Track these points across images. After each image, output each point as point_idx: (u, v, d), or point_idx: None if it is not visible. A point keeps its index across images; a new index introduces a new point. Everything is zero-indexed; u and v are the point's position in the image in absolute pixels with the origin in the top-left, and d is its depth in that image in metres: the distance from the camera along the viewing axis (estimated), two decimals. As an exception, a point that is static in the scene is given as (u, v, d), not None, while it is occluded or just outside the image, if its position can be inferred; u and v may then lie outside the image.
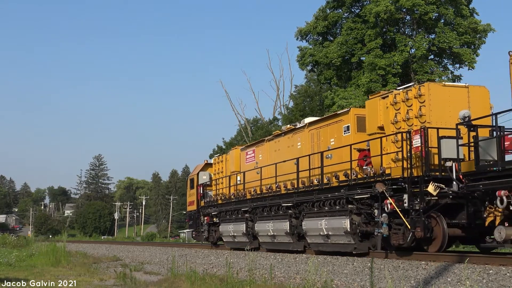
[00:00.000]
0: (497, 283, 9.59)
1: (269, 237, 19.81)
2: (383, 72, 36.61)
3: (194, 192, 28.30)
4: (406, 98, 14.73)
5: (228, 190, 23.93)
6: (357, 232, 15.39)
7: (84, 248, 34.39)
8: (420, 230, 13.46)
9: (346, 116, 16.90)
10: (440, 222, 13.81)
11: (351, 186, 15.53)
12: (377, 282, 10.59)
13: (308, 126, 18.76)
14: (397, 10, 36.94)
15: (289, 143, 19.86)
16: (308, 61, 42.14)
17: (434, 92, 14.34)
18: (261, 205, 20.65)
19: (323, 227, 16.32)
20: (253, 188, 21.28)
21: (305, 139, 18.80)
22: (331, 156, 16.95)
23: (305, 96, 54.75)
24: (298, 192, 18.12)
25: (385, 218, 14.23)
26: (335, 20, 41.36)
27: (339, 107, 35.22)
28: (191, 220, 29.25)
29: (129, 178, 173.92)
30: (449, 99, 14.42)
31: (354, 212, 15.46)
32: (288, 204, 18.56)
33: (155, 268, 17.43)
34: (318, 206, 17.01)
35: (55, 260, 19.83)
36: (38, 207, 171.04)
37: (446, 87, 14.72)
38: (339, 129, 17.07)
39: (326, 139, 17.62)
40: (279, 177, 19.29)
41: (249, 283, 10.85)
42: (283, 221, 18.74)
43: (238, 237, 22.49)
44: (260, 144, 22.58)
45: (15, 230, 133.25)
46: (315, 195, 17.06)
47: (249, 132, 65.93)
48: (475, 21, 38.22)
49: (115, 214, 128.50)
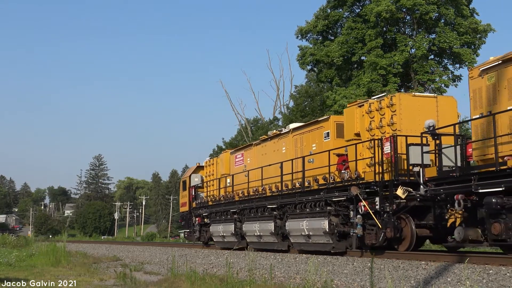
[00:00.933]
0: (497, 283, 9.72)
1: (255, 237, 21.02)
2: (384, 72, 37.15)
3: (186, 194, 29.52)
4: (379, 107, 15.89)
5: (218, 192, 25.09)
6: (335, 232, 16.54)
7: (84, 248, 34.56)
8: (390, 231, 14.64)
9: (327, 123, 18.07)
10: (408, 223, 15.02)
11: (329, 189, 16.71)
12: (377, 282, 10.72)
13: (292, 132, 19.96)
14: (397, 10, 37.46)
15: (274, 148, 21.05)
16: (309, 60, 42.53)
17: (405, 102, 15.50)
18: (248, 206, 21.83)
19: (304, 228, 17.52)
20: (241, 190, 22.47)
21: (289, 144, 20.00)
22: (313, 161, 18.13)
23: (306, 96, 55.27)
24: (282, 195, 19.31)
25: (360, 219, 15.39)
26: (335, 20, 41.85)
27: (340, 106, 35.92)
28: (184, 221, 30.49)
29: (129, 178, 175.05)
30: (418, 109, 15.58)
31: (333, 214, 16.62)
32: (273, 205, 19.75)
33: (155, 268, 17.56)
34: (300, 208, 18.21)
35: (55, 260, 19.96)
36: (38, 207, 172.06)
37: (416, 97, 15.91)
38: (320, 135, 18.25)
39: (308, 144, 18.81)
40: (265, 180, 20.46)
41: (249, 283, 10.92)
42: (269, 222, 19.94)
43: (227, 237, 23.72)
44: (249, 148, 23.76)
45: (15, 230, 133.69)
46: (297, 198, 18.27)
47: (249, 132, 66.37)
48: (475, 21, 38.83)
49: (115, 214, 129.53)
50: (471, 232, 12.79)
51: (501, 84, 12.41)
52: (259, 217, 20.87)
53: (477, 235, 12.78)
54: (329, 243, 16.69)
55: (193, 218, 28.26)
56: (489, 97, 12.69)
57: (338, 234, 16.54)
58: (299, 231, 17.85)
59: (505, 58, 12.41)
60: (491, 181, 11.85)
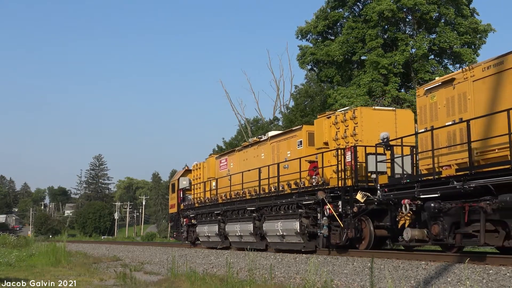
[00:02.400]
0: (497, 283, 9.85)
1: (237, 237, 23.00)
2: (385, 71, 37.76)
3: (175, 196, 31.57)
4: (344, 119, 17.83)
5: (204, 195, 27.10)
6: (305, 233, 18.49)
7: (84, 248, 35.07)
8: (351, 231, 16.58)
9: (300, 132, 20.01)
10: (368, 224, 16.96)
11: (300, 193, 18.66)
12: (377, 282, 10.85)
13: (270, 140, 21.92)
14: (399, 10, 38.07)
15: (254, 154, 23.00)
16: (309, 60, 43.15)
17: (366, 115, 17.44)
18: (230, 208, 23.80)
19: (279, 229, 19.48)
20: (224, 193, 24.47)
21: (267, 150, 21.96)
22: (287, 167, 20.05)
23: (306, 96, 55.88)
24: (260, 198, 21.30)
25: (326, 221, 17.34)
26: (335, 20, 42.55)
27: (341, 105, 36.28)
28: (172, 222, 32.54)
29: (129, 178, 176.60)
30: (378, 121, 17.50)
31: (303, 216, 18.56)
32: (252, 208, 21.71)
33: (155, 268, 17.86)
34: (275, 210, 20.17)
35: (55, 260, 20.21)
36: (38, 207, 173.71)
37: (376, 111, 17.86)
38: (294, 143, 20.19)
39: (284, 151, 20.75)
40: (246, 184, 22.46)
41: (249, 283, 11.05)
42: (248, 223, 21.89)
43: (212, 237, 25.71)
44: (232, 153, 25.74)
45: (15, 230, 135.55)
46: (273, 201, 20.25)
47: (249, 132, 67.17)
48: (475, 21, 39.56)
49: (115, 214, 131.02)
50: (417, 233, 14.63)
51: (440, 102, 14.33)
52: (239, 218, 22.86)
53: (423, 235, 14.61)
54: (300, 243, 18.64)
55: (181, 219, 30.29)
56: (431, 114, 14.60)
57: (308, 234, 18.48)
58: (274, 232, 19.83)
59: (444, 80, 14.33)
60: (429, 188, 13.75)
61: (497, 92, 12.77)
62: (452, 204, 13.30)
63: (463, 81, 13.72)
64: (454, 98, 13.94)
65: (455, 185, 12.85)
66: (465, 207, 12.85)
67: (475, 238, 12.89)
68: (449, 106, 14.06)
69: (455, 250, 14.13)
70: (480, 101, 13.20)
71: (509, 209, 11.87)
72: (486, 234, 12.67)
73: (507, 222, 12.18)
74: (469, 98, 13.53)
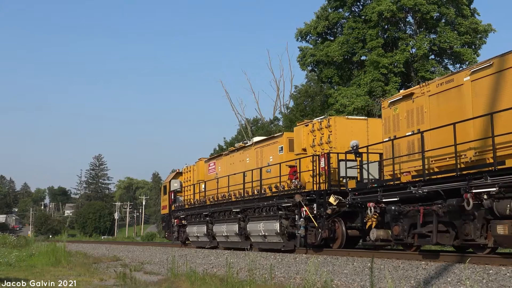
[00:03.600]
0: (497, 283, 9.93)
1: (224, 237, 24.65)
2: (386, 71, 38.32)
3: (166, 198, 33.35)
4: (320, 128, 19.43)
5: (193, 197, 28.74)
6: (285, 233, 20.11)
7: (84, 248, 35.48)
8: (325, 232, 18.19)
9: (281, 138, 21.64)
10: (340, 225, 18.57)
11: (280, 196, 20.27)
12: (377, 282, 10.89)
13: (254, 145, 23.55)
14: (399, 10, 38.55)
15: (240, 158, 24.64)
16: (309, 61, 43.69)
17: (339, 123, 19.04)
18: (217, 210, 25.47)
19: (261, 229, 21.11)
20: (212, 195, 26.11)
21: (251, 155, 23.58)
22: (270, 171, 21.66)
23: (306, 96, 56.14)
24: (244, 200, 22.94)
25: (303, 222, 18.96)
26: (335, 21, 43.11)
27: (341, 105, 37.88)
28: (164, 222, 34.27)
29: (129, 178, 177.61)
30: (351, 129, 19.10)
31: (283, 217, 20.18)
32: (237, 209, 23.34)
33: (155, 268, 18.08)
34: (258, 212, 21.79)
35: (55, 260, 20.37)
36: (38, 207, 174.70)
37: (349, 120, 19.47)
38: (276, 149, 21.81)
39: (267, 156, 22.36)
40: (232, 187, 24.12)
41: (249, 283, 11.12)
42: (234, 224, 23.53)
43: (201, 237, 27.37)
44: (219, 157, 27.39)
45: (15, 230, 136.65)
46: (256, 203, 21.88)
47: (249, 132, 67.61)
48: (475, 21, 40.11)
49: (115, 214, 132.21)
50: (382, 233, 16.25)
51: (402, 114, 15.92)
52: (226, 219, 24.51)
53: (387, 235, 16.22)
54: (280, 242, 20.26)
55: (172, 219, 31.99)
56: (394, 124, 16.20)
57: (288, 235, 20.11)
58: (257, 232, 21.47)
59: (405, 94, 15.93)
60: (390, 193, 15.35)
61: (448, 106, 14.35)
62: (410, 207, 14.92)
63: (421, 96, 15.31)
64: (413, 110, 15.54)
65: (411, 190, 14.46)
66: (420, 210, 14.44)
67: (429, 238, 14.48)
68: (409, 118, 15.66)
69: (414, 249, 15.73)
70: (435, 114, 14.79)
71: (456, 211, 13.45)
72: (439, 234, 14.26)
73: (455, 224, 13.76)
74: (425, 111, 15.12)
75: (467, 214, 13.20)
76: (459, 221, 13.60)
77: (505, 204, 12.13)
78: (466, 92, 13.81)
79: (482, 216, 12.94)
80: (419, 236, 14.83)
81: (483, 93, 13.35)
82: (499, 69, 13.01)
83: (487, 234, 13.12)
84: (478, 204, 12.73)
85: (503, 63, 12.95)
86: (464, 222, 13.44)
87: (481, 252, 13.65)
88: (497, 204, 12.32)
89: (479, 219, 13.02)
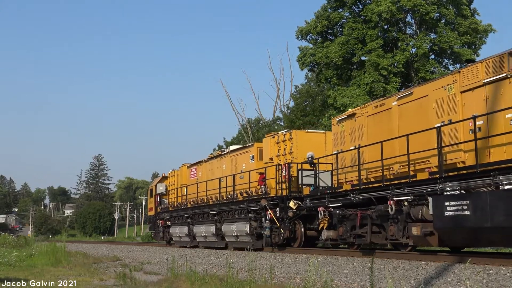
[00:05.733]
0: (497, 283, 10.12)
1: (202, 237, 27.70)
2: (385, 72, 38.99)
3: (153, 200, 36.65)
4: (284, 139, 22.39)
5: (176, 200, 31.83)
6: (254, 234, 23.08)
7: (84, 248, 36.34)
8: (286, 232, 21.16)
9: (252, 148, 24.70)
10: (299, 227, 21.53)
11: (250, 201, 23.25)
12: (377, 282, 11.06)
13: (230, 153, 26.57)
14: (398, 10, 39.24)
15: (218, 165, 27.65)
16: (309, 61, 44.47)
17: (300, 136, 22.04)
18: (197, 212, 28.57)
19: (234, 230, 24.11)
20: (193, 199, 29.15)
21: (227, 163, 26.61)
22: (243, 177, 24.63)
23: (307, 96, 56.93)
24: (220, 204, 25.97)
25: (268, 223, 21.92)
26: (336, 21, 43.73)
27: (342, 105, 38.50)
28: (151, 223, 37.42)
29: (129, 178, 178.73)
30: (310, 141, 22.09)
31: (252, 219, 23.16)
32: (213, 212, 26.38)
33: (155, 268, 18.45)
34: (231, 215, 24.78)
35: (55, 260, 20.81)
36: (38, 207, 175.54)
37: (308, 133, 22.51)
38: (248, 157, 24.83)
39: (240, 164, 25.37)
40: (209, 191, 27.22)
41: (249, 283, 11.28)
42: (211, 225, 26.58)
43: (183, 237, 30.44)
44: (200, 164, 30.47)
45: (15, 230, 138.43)
46: (229, 206, 24.91)
47: (249, 132, 68.54)
48: (475, 21, 40.83)
49: (115, 214, 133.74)
50: (331, 233, 19.22)
51: (347, 131, 18.88)
52: (204, 221, 27.58)
53: (336, 235, 19.19)
54: (250, 242, 23.25)
55: (157, 221, 35.12)
56: (341, 140, 19.17)
57: (256, 235, 23.07)
58: (231, 232, 24.48)
59: (349, 114, 18.89)
60: (335, 199, 18.31)
61: (381, 126, 17.29)
62: (351, 211, 17.88)
63: (361, 116, 18.27)
64: (355, 128, 18.51)
65: (350, 197, 17.41)
66: (358, 214, 17.39)
67: (364, 238, 17.43)
68: (352, 134, 18.64)
69: (356, 247, 18.67)
70: (372, 132, 17.75)
71: (384, 215, 16.40)
72: (373, 234, 17.22)
73: (384, 226, 16.70)
74: (364, 129, 18.08)
75: (392, 218, 16.13)
76: (387, 223, 16.54)
77: (418, 210, 15.09)
78: (394, 115, 16.78)
79: (403, 220, 15.85)
80: (357, 236, 17.79)
81: (406, 116, 16.29)
82: (417, 97, 15.95)
83: (408, 235, 16.04)
84: (399, 209, 15.66)
85: (422, 92, 15.88)
86: (390, 224, 16.37)
87: (405, 249, 16.57)
88: (413, 210, 15.28)
89: (401, 222, 15.94)
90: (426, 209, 14.68)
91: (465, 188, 13.49)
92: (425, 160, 15.24)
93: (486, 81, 13.82)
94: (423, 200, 14.83)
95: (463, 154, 14.15)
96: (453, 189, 13.77)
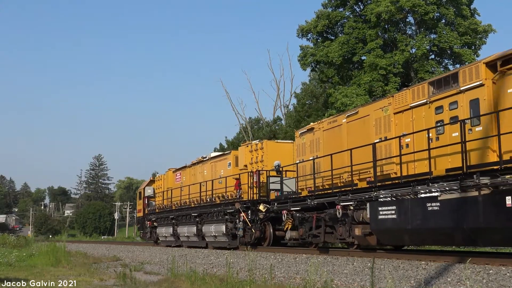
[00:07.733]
0: (497, 283, 10.22)
1: (185, 237, 30.66)
2: (384, 72, 39.46)
3: (141, 202, 39.73)
4: (256, 148, 25.27)
5: (163, 202, 34.86)
6: (230, 234, 25.96)
7: (84, 248, 36.59)
8: (256, 233, 24.05)
9: (229, 155, 27.63)
10: (269, 228, 24.43)
11: (226, 204, 26.15)
12: (377, 282, 11.13)
13: (210, 160, 29.47)
14: (397, 11, 39.65)
15: (200, 170, 30.60)
16: (309, 61, 44.90)
17: (270, 146, 24.99)
18: (181, 214, 31.57)
19: (212, 231, 27.01)
20: (177, 201, 32.16)
21: (208, 168, 29.55)
22: (221, 182, 27.51)
23: (311, 96, 57.25)
24: (200, 206, 28.92)
25: (241, 224, 24.80)
26: (336, 20, 44.27)
27: (342, 104, 39.21)
28: (139, 224, 40.48)
29: (129, 178, 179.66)
30: (280, 151, 25.00)
31: (228, 221, 26.04)
32: (195, 214, 29.31)
33: (155, 268, 18.69)
34: (210, 216, 27.69)
35: (55, 260, 20.91)
36: (38, 207, 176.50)
37: (278, 143, 25.51)
38: (225, 164, 27.73)
39: (219, 170, 28.28)
40: (192, 194, 30.21)
41: (249, 283, 11.34)
42: (193, 226, 29.53)
43: (168, 237, 33.44)
44: (184, 169, 33.52)
45: (15, 230, 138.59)
46: (209, 209, 27.85)
47: (249, 132, 68.60)
48: (475, 21, 41.15)
49: (115, 214, 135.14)
50: (294, 234, 22.12)
51: (307, 143, 21.74)
52: (187, 222, 30.52)
53: (298, 236, 22.05)
54: (226, 241, 26.15)
55: (145, 222, 38.22)
56: (302, 150, 22.05)
57: (232, 235, 25.95)
58: (210, 233, 27.42)
59: (309, 128, 21.75)
60: (295, 203, 21.19)
61: (334, 139, 20.15)
62: (309, 214, 20.76)
63: (318, 130, 21.12)
64: (314, 141, 21.38)
65: (307, 202, 20.28)
66: (313, 216, 20.27)
67: (319, 238, 20.30)
68: (311, 146, 21.50)
69: (313, 246, 21.53)
70: (327, 144, 20.60)
71: (334, 218, 19.26)
72: (326, 235, 20.09)
73: (335, 227, 19.58)
74: (321, 142, 20.94)
75: (340, 220, 19.00)
76: (337, 225, 19.41)
77: (359, 214, 17.98)
78: (343, 131, 19.65)
79: (349, 222, 18.72)
80: (314, 236, 20.66)
81: (353, 132, 19.14)
82: (361, 115, 18.80)
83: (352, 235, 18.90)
84: (345, 213, 18.53)
85: (365, 111, 18.73)
86: (339, 226, 19.24)
87: (351, 247, 19.43)
88: (356, 213, 18.16)
89: (348, 224, 18.80)
90: (365, 213, 17.55)
91: (394, 196, 16.35)
92: (367, 170, 18.07)
93: (412, 105, 16.67)
94: (364, 205, 17.69)
95: (395, 166, 16.96)
96: (385, 196, 16.63)
